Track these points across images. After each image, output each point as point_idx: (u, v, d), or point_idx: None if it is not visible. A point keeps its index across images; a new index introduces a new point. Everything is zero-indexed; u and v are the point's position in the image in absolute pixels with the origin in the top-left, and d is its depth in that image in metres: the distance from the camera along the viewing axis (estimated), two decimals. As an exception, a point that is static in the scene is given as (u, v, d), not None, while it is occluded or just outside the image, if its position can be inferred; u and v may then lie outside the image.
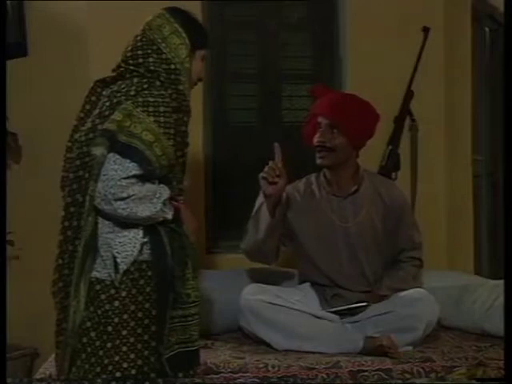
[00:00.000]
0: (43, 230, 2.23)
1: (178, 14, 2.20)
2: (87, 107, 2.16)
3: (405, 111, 3.38)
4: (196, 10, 3.05)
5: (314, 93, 3.06)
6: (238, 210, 3.48)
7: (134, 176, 1.99)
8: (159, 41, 2.14)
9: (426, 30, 3.38)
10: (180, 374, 2.08)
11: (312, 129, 2.92)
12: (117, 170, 1.98)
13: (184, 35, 2.15)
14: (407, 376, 2.56)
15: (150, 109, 2.03)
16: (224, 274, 3.17)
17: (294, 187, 3.01)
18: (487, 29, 4.28)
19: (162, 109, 2.04)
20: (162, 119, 2.03)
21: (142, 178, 2.01)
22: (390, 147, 3.37)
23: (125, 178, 1.98)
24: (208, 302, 2.90)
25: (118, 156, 1.98)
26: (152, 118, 2.02)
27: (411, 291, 2.85)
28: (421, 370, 2.57)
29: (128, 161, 1.98)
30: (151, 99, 2.04)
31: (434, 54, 3.42)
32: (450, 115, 3.51)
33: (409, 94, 3.39)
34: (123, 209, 1.98)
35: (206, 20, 3.34)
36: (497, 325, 2.77)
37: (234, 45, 3.57)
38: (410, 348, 2.73)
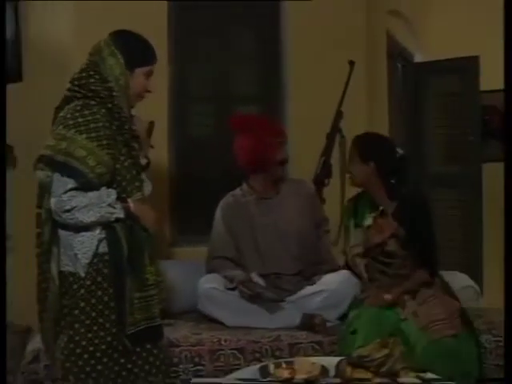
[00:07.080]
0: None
1: (118, 37, 2.32)
2: None
3: (335, 129, 3.52)
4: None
5: (234, 126, 3.28)
6: (198, 210, 3.74)
7: (71, 189, 2.17)
8: (99, 62, 2.28)
9: (351, 63, 3.56)
10: (148, 345, 2.27)
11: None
12: (59, 186, 2.17)
13: (119, 56, 2.27)
14: (336, 348, 2.79)
15: (82, 128, 2.17)
16: (186, 265, 3.40)
17: (227, 200, 3.30)
18: (399, 64, 4.73)
19: (92, 125, 2.18)
20: (93, 134, 2.18)
21: (83, 189, 2.18)
22: (324, 158, 3.52)
23: (64, 193, 2.16)
24: (172, 287, 3.12)
25: (59, 175, 2.18)
26: (84, 135, 2.17)
27: (338, 273, 3.11)
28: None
29: (65, 177, 2.17)
30: (81, 119, 2.18)
31: (357, 82, 3.64)
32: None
33: (339, 115, 3.53)
34: (70, 219, 2.18)
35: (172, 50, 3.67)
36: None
37: (195, 73, 3.88)
38: (338, 322, 3.01)
